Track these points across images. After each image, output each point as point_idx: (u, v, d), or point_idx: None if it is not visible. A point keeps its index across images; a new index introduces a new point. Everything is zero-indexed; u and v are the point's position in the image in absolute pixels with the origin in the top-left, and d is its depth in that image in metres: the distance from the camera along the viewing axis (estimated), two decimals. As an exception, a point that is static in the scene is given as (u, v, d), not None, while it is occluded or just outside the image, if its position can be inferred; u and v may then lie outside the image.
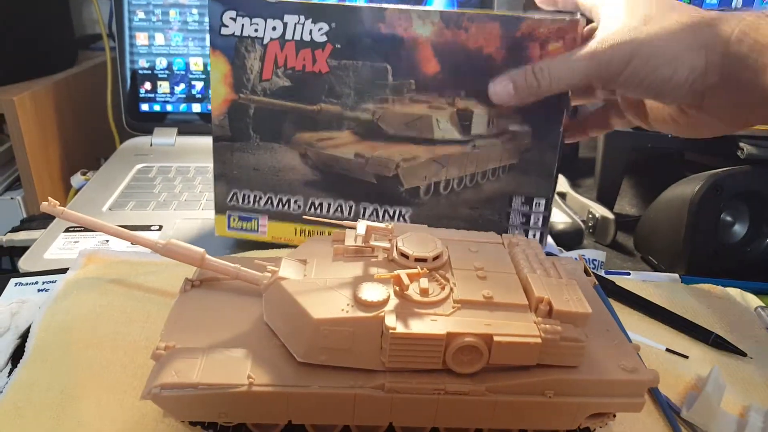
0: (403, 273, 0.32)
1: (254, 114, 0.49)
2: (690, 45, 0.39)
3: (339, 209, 0.51)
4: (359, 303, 0.31)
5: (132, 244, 0.38)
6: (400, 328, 0.30)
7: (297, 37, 0.46)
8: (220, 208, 0.53)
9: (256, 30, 0.47)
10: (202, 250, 0.36)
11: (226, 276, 0.37)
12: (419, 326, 0.30)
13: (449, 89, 0.47)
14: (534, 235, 0.50)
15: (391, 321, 0.30)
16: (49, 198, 0.34)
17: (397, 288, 0.32)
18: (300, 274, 0.35)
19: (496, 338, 0.30)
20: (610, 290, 0.49)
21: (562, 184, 0.73)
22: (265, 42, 0.47)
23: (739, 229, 0.58)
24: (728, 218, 0.58)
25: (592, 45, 0.41)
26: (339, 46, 0.46)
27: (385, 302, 0.31)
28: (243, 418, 0.32)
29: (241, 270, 0.36)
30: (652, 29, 0.39)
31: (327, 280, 0.34)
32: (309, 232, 0.52)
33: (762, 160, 0.57)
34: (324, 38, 0.46)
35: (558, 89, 0.43)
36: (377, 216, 0.51)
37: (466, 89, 0.47)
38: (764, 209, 0.56)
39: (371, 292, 0.31)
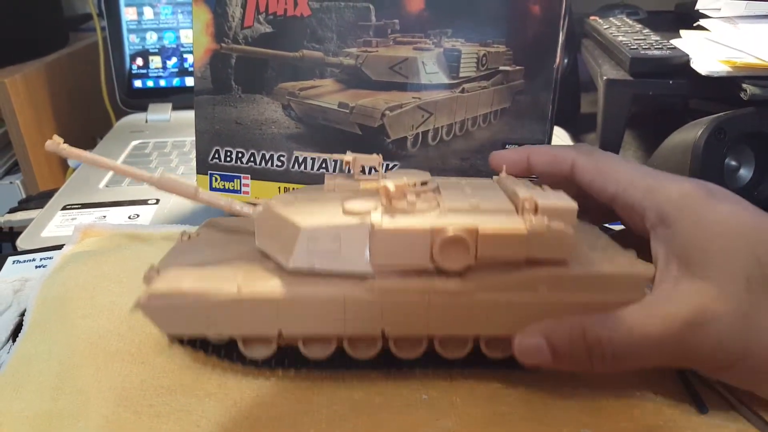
0: (390, 182, 0.31)
1: (236, 64, 0.48)
2: None
3: (323, 165, 0.50)
4: (347, 212, 0.31)
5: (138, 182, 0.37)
6: (386, 225, 0.30)
7: None
8: (201, 168, 0.51)
9: None
10: (195, 184, 0.36)
11: (219, 207, 0.37)
12: (405, 223, 0.30)
13: (435, 28, 0.45)
14: None
15: (376, 218, 0.30)
16: (55, 136, 0.34)
17: (385, 199, 0.32)
18: (291, 204, 0.35)
19: (481, 230, 0.30)
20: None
21: (565, 139, 0.72)
22: None
23: (745, 173, 0.56)
24: (733, 162, 0.56)
25: (677, 323, 0.28)
26: None
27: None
28: (232, 329, 0.32)
29: (234, 202, 0.36)
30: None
31: (316, 202, 0.34)
32: (292, 190, 0.50)
33: (767, 100, 0.55)
34: None
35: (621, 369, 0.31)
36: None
37: (453, 27, 0.45)
38: (770, 151, 0.55)
39: (359, 204, 0.32)
